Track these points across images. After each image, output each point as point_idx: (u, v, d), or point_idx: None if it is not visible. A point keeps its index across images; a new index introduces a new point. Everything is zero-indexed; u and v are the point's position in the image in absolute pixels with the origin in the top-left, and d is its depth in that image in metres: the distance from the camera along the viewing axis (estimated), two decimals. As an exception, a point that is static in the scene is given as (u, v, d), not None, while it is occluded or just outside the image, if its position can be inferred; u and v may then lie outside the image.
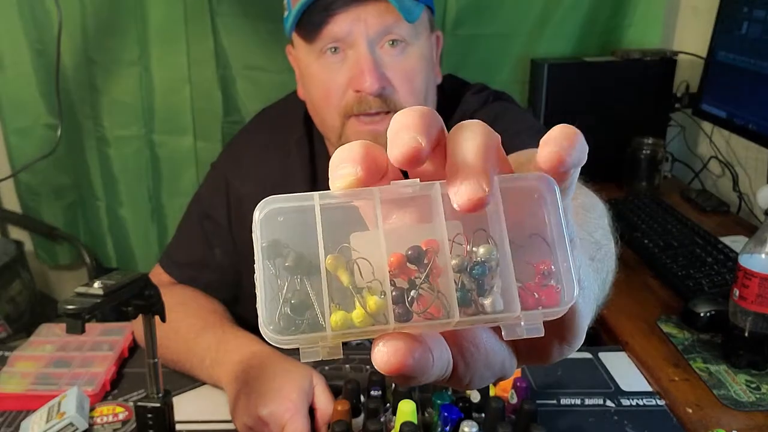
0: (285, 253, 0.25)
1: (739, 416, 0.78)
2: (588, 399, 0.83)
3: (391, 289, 0.25)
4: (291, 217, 0.26)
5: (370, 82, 0.80)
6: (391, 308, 0.25)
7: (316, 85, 0.87)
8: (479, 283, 0.25)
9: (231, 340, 0.83)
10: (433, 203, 0.26)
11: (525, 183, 0.27)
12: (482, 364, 0.28)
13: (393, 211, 0.27)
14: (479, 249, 0.25)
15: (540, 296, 0.26)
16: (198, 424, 0.79)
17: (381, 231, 0.25)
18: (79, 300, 0.54)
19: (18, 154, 1.60)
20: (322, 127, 0.93)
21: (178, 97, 1.54)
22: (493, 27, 1.50)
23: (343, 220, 0.26)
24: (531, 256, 0.26)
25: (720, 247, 1.13)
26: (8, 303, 1.56)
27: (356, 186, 0.26)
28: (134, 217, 1.66)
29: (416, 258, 0.25)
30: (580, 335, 0.30)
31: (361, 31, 0.81)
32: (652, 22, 1.58)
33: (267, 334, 0.25)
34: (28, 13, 1.50)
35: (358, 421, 0.71)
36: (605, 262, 0.49)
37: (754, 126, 1.25)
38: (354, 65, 0.83)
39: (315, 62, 0.86)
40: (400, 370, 0.25)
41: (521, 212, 0.26)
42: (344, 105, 0.85)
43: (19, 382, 0.84)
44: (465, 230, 0.26)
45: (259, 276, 0.25)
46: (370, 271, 0.25)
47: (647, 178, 1.48)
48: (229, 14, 1.48)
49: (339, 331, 0.25)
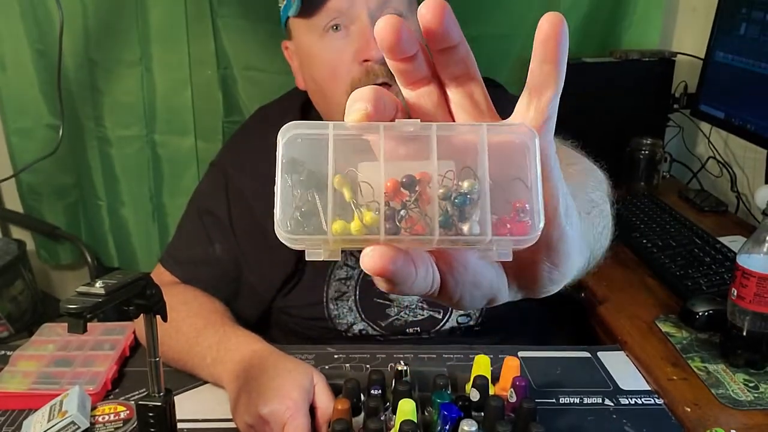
0: (300, 170, 0.31)
1: (737, 415, 0.79)
2: (587, 398, 0.83)
3: (385, 208, 0.30)
4: (309, 142, 0.31)
5: (376, 49, 0.83)
6: (383, 223, 0.30)
7: (321, 65, 0.89)
8: (460, 211, 0.30)
9: (232, 339, 0.83)
10: (429, 142, 0.31)
11: (511, 135, 0.31)
12: (470, 282, 0.33)
13: (399, 147, 0.31)
14: (464, 183, 0.30)
15: (512, 227, 0.31)
16: (199, 423, 0.79)
17: (382, 159, 0.30)
18: (80, 299, 0.54)
19: (19, 154, 1.60)
20: (327, 109, 0.94)
21: (179, 98, 1.55)
22: (493, 28, 1.51)
23: (356, 149, 0.31)
24: (511, 195, 0.31)
25: (718, 246, 1.14)
26: (10, 302, 1.57)
27: (365, 120, 0.30)
28: (136, 216, 1.66)
29: (409, 185, 0.30)
30: (567, 261, 0.35)
31: (362, 3, 0.84)
32: (651, 23, 1.58)
33: (280, 233, 0.30)
34: (29, 13, 1.50)
35: (358, 419, 0.72)
36: (600, 219, 0.57)
37: (752, 126, 1.26)
38: (359, 37, 0.85)
39: (318, 42, 0.88)
40: (382, 272, 0.29)
41: (507, 158, 0.31)
42: (351, 79, 0.87)
43: (21, 381, 0.84)
44: (456, 168, 0.31)
45: (278, 186, 0.30)
46: (371, 193, 0.30)
47: (646, 178, 1.48)
48: (230, 15, 1.48)
49: (338, 237, 0.30)
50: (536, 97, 0.32)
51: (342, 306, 0.99)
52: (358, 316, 0.99)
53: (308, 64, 0.92)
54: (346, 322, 1.00)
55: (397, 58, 0.32)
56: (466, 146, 0.31)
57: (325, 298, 0.99)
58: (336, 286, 0.99)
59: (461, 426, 0.64)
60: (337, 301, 0.99)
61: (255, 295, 1.01)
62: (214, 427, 0.78)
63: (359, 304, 0.99)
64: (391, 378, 0.76)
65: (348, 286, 0.99)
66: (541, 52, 0.31)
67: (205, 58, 1.51)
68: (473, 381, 0.73)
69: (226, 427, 0.78)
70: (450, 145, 0.31)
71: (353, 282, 0.99)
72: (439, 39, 0.31)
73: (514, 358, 0.77)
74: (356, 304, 0.99)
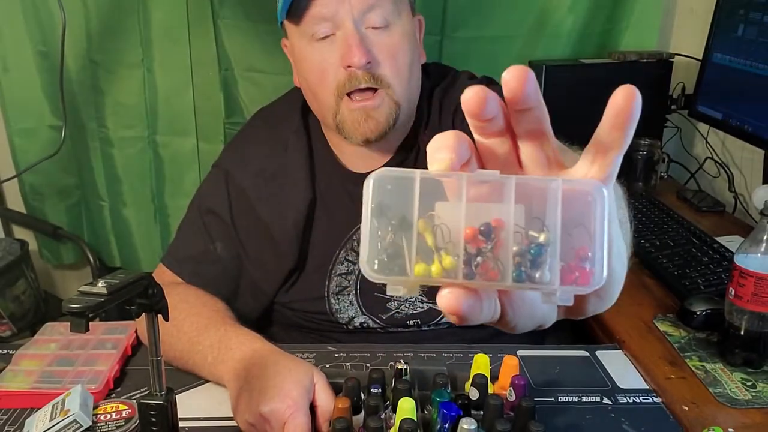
0: (386, 213, 0.33)
1: (735, 414, 0.79)
2: (585, 396, 0.84)
3: (463, 254, 0.32)
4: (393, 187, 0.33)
5: (358, 56, 0.86)
6: (461, 268, 0.32)
7: (311, 68, 0.91)
8: (533, 260, 0.33)
9: (233, 338, 0.84)
10: (506, 190, 0.33)
11: (582, 187, 0.34)
12: (526, 314, 0.37)
13: (472, 188, 0.34)
14: (540, 236, 0.33)
15: (577, 275, 0.33)
16: (200, 422, 0.79)
17: (463, 208, 0.33)
18: (83, 299, 0.55)
19: (22, 154, 1.61)
20: (319, 109, 0.96)
21: (181, 99, 1.55)
22: (492, 29, 1.51)
23: (430, 190, 0.33)
24: (574, 241, 0.33)
25: (716, 246, 1.14)
26: (13, 302, 1.57)
27: (449, 169, 0.33)
28: (137, 217, 1.67)
29: (487, 233, 0.33)
30: (613, 294, 0.40)
31: (346, 10, 0.86)
32: (649, 25, 1.59)
33: (366, 270, 0.33)
34: (31, 15, 1.51)
35: (359, 418, 0.72)
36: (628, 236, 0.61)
37: (749, 127, 1.26)
38: (342, 43, 0.87)
39: (307, 46, 0.90)
40: (456, 312, 0.33)
41: (575, 207, 0.33)
42: (337, 84, 0.89)
43: (24, 380, 0.84)
44: (527, 214, 0.33)
45: (366, 228, 0.33)
46: (449, 234, 0.33)
47: (644, 178, 1.48)
48: (231, 17, 1.49)
49: (419, 278, 0.33)
50: (602, 155, 0.34)
51: (343, 300, 1.00)
52: (359, 310, 1.00)
53: (300, 66, 0.95)
54: (347, 316, 1.00)
55: (480, 121, 0.34)
56: (534, 192, 0.33)
57: (327, 293, 1.00)
58: (337, 281, 1.00)
59: (461, 424, 0.65)
60: (338, 295, 1.00)
61: (257, 291, 1.02)
62: (215, 426, 0.79)
63: (360, 299, 1.00)
64: (391, 377, 0.77)
65: (349, 281, 1.00)
66: (611, 121, 0.32)
67: (207, 59, 1.52)
68: (472, 380, 0.73)
69: (227, 425, 0.78)
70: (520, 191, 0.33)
71: (354, 277, 1.00)
72: (519, 102, 0.33)
73: (513, 357, 0.77)
74: (357, 298, 1.00)
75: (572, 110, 1.56)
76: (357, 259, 0.98)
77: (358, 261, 0.97)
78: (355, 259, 0.99)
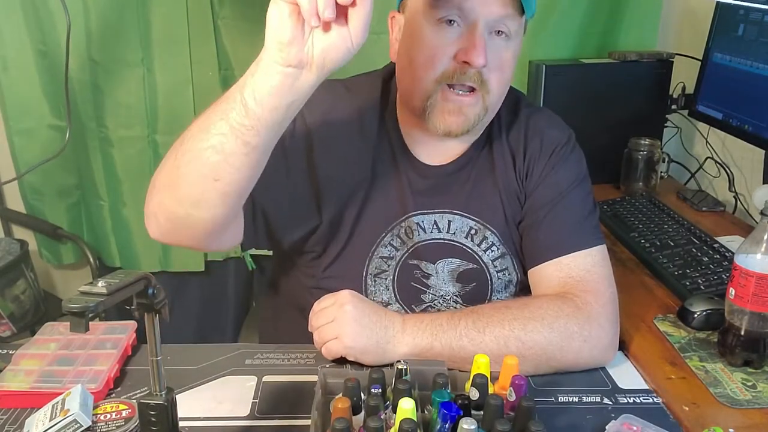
0: None
1: (735, 414, 0.79)
2: (585, 396, 0.84)
3: None
4: None
5: (480, 58, 0.87)
6: None
7: (423, 47, 0.92)
8: None
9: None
10: None
11: None
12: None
13: None
14: None
15: None
16: (200, 422, 0.79)
17: None
18: (83, 299, 0.55)
19: (22, 154, 1.61)
20: (411, 89, 0.95)
21: (181, 99, 1.55)
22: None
23: None
24: None
25: (716, 246, 1.14)
26: (13, 302, 1.57)
27: None
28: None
29: None
30: None
31: (484, 12, 0.88)
32: (649, 25, 1.59)
33: None
34: (32, 15, 1.51)
35: (359, 418, 0.72)
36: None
37: (749, 127, 1.26)
38: (467, 39, 0.89)
39: (428, 27, 0.91)
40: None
41: None
42: (443, 71, 0.90)
43: (24, 379, 0.84)
44: None
45: None
46: None
47: (644, 178, 1.49)
48: (231, 17, 1.49)
49: None
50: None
51: (379, 284, 1.00)
52: (393, 296, 1.00)
53: (410, 42, 0.94)
54: (381, 301, 1.00)
55: None
56: None
57: (365, 272, 1.00)
58: (377, 263, 1.00)
59: (461, 424, 0.65)
60: (375, 277, 1.00)
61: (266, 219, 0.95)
62: (215, 426, 0.79)
63: (396, 285, 1.00)
64: (391, 377, 0.77)
65: (389, 266, 1.00)
66: None
67: (207, 59, 1.52)
68: (473, 380, 0.73)
69: (228, 425, 0.78)
70: None
71: (394, 262, 1.00)
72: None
73: (513, 357, 0.77)
74: (393, 284, 1.00)
75: (572, 110, 1.57)
76: (401, 246, 0.99)
77: (401, 248, 0.98)
78: (400, 245, 0.99)
